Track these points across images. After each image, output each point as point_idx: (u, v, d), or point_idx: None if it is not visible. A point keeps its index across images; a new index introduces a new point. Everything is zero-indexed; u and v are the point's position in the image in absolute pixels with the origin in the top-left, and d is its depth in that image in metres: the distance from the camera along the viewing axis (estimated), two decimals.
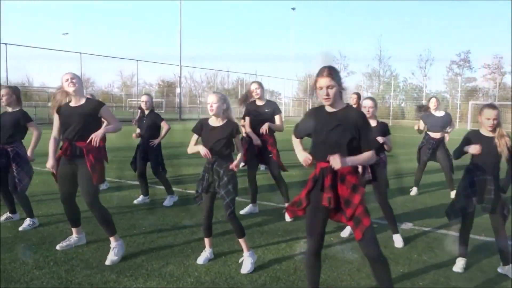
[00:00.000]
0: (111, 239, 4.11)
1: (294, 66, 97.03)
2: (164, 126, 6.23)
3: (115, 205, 6.05)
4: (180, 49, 34.62)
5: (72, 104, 4.09)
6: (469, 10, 75.38)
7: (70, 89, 4.01)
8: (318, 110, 2.94)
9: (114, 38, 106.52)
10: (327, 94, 2.73)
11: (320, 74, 2.78)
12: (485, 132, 3.75)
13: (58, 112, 4.10)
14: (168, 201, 6.16)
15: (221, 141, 3.80)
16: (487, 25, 76.93)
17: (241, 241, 3.91)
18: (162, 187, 6.38)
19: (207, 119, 3.95)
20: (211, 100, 3.76)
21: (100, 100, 4.10)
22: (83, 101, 4.10)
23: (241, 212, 5.65)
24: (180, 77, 36.50)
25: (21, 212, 5.19)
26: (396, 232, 4.62)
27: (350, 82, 61.41)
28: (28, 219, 4.97)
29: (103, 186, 7.13)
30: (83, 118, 4.00)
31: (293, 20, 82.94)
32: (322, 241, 2.87)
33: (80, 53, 29.04)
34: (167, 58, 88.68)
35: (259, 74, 60.66)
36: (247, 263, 3.81)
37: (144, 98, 6.30)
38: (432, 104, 7.03)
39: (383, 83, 53.91)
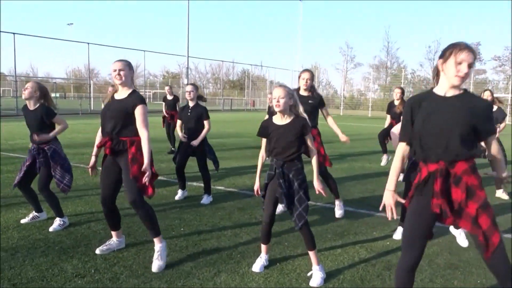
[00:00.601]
0: (156, 240, 3.77)
1: (300, 57, 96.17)
2: (206, 125, 5.88)
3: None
4: (187, 39, 33.97)
5: (116, 96, 3.77)
6: (479, 1, 74.51)
7: (117, 82, 3.67)
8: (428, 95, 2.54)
9: (118, 29, 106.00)
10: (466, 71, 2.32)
11: (461, 47, 2.35)
12: None
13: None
14: (206, 199, 5.82)
15: (291, 141, 3.39)
16: (498, 16, 76.12)
17: (311, 253, 3.50)
18: (195, 183, 6.05)
19: (270, 119, 3.55)
20: (278, 95, 3.32)
21: (140, 97, 3.72)
22: (125, 94, 3.75)
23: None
24: (188, 68, 35.90)
25: (47, 209, 4.86)
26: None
27: (356, 74, 60.88)
28: (57, 219, 4.62)
29: None
30: (121, 113, 3.67)
31: (300, 10, 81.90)
32: (422, 255, 2.48)
33: (88, 43, 28.53)
34: (172, 49, 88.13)
35: (264, 65, 60.20)
36: (317, 277, 3.42)
37: (188, 88, 5.90)
38: (487, 97, 6.60)
39: (390, 75, 53.29)
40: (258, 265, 3.64)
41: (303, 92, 5.21)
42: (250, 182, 7.17)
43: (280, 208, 5.35)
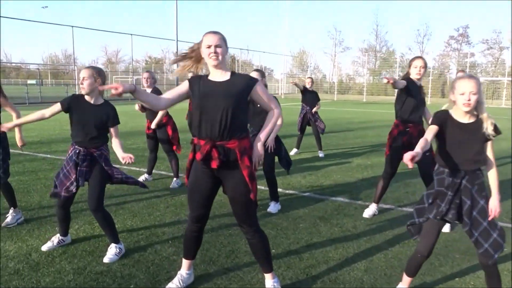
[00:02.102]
0: (268, 276, 2.92)
1: (287, 41, 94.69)
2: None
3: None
4: (176, 23, 32.51)
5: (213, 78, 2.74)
6: None
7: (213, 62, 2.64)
8: None
9: (95, 12, 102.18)
10: None
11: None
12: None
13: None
14: (274, 207, 4.87)
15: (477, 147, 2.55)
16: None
17: None
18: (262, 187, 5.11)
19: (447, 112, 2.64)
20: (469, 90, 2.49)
21: None
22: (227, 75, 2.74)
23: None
24: (177, 52, 34.40)
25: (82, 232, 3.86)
26: None
27: (345, 58, 60.21)
28: (113, 245, 3.56)
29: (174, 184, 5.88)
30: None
31: None
32: None
33: (72, 26, 26.79)
34: (154, 33, 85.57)
35: (251, 49, 58.85)
36: None
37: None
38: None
39: (380, 59, 52.83)
40: None
41: (416, 82, 4.40)
42: (305, 181, 6.27)
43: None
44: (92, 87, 3.45)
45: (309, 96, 8.57)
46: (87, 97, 3.52)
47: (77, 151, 3.49)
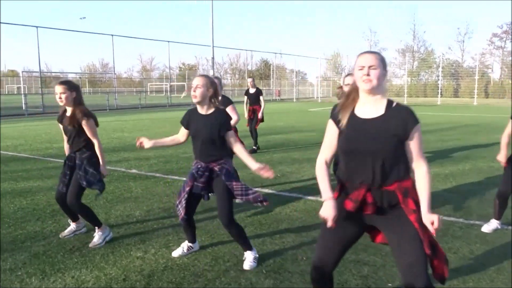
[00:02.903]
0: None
1: (321, 44, 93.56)
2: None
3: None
4: (212, 29, 32.35)
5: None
6: None
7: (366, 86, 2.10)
8: None
9: (129, 20, 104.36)
10: None
11: None
12: None
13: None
14: None
15: None
16: None
17: None
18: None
19: None
20: None
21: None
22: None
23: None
24: (213, 58, 34.27)
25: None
26: None
27: None
28: (248, 252, 3.48)
29: None
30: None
31: None
32: None
33: (112, 35, 27.11)
34: (191, 40, 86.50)
35: (284, 53, 58.33)
36: None
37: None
38: None
39: (418, 59, 51.16)
40: None
41: None
42: None
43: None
44: (203, 96, 3.28)
45: None
46: (199, 108, 3.36)
47: (198, 165, 3.37)
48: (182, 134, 3.53)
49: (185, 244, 3.70)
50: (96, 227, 4.00)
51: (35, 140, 11.37)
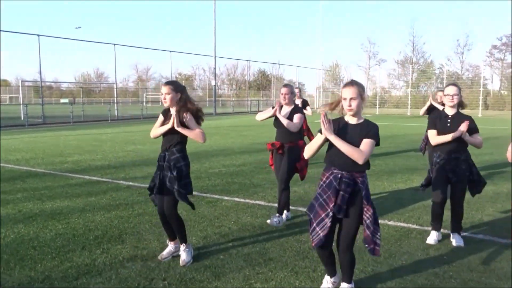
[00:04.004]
0: None
1: (321, 55, 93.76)
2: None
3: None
4: (214, 39, 32.00)
5: None
6: None
7: None
8: None
9: (127, 29, 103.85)
10: None
11: None
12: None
13: None
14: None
15: None
16: None
17: None
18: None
19: None
20: None
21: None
22: None
23: None
24: (215, 68, 33.89)
25: None
26: None
27: (380, 70, 58.80)
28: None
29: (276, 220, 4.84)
30: None
31: (319, 4, 79.64)
32: None
33: (114, 44, 26.55)
34: (187, 50, 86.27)
35: (282, 63, 58.10)
36: None
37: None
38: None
39: (417, 71, 51.17)
40: None
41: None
42: None
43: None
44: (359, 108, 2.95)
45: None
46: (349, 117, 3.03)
47: (338, 175, 2.90)
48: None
49: (328, 280, 3.18)
50: (184, 244, 3.67)
51: (45, 153, 10.74)
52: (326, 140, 2.89)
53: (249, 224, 4.82)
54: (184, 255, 3.65)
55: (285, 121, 4.69)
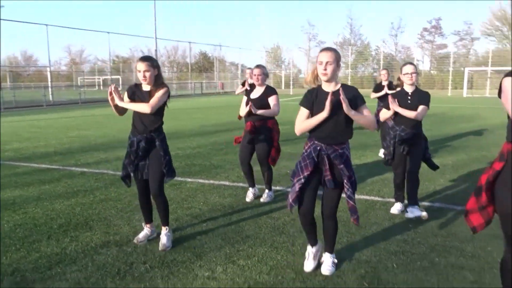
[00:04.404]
0: None
1: (262, 36, 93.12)
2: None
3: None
4: (154, 19, 30.97)
5: None
6: None
7: None
8: None
9: (55, 9, 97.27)
10: None
11: None
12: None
13: None
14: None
15: None
16: None
17: None
18: None
19: None
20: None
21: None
22: None
23: None
24: (156, 50, 32.84)
25: None
26: None
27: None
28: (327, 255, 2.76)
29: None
30: None
31: None
32: None
33: (46, 24, 24.83)
34: (119, 30, 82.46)
35: (223, 45, 57.52)
36: None
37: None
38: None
39: (355, 52, 52.90)
40: None
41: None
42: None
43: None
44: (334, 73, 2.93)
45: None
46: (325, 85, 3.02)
47: (318, 147, 2.97)
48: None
49: (310, 251, 3.21)
50: (166, 227, 3.62)
51: None
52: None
53: (219, 204, 4.81)
54: (164, 239, 3.57)
55: (266, 112, 4.64)
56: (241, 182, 5.70)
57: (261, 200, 4.91)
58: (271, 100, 4.68)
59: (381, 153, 7.49)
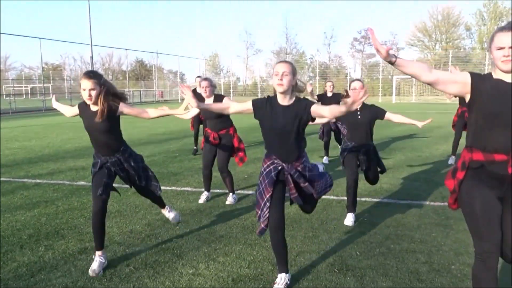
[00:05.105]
0: None
1: (200, 44, 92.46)
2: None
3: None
4: (89, 25, 30.01)
5: None
6: None
7: None
8: None
9: None
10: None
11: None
12: None
13: None
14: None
15: None
16: (384, 5, 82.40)
17: None
18: None
19: None
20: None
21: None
22: None
23: None
24: (92, 56, 31.73)
25: None
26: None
27: (257, 61, 61.21)
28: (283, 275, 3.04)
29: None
30: None
31: None
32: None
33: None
34: (49, 36, 78.18)
35: (161, 52, 56.78)
36: None
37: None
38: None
39: (291, 61, 54.55)
40: None
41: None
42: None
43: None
44: (290, 84, 2.86)
45: (331, 101, 7.92)
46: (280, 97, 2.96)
47: (279, 167, 2.98)
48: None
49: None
50: (167, 207, 4.23)
51: None
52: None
53: (187, 208, 5.01)
54: (172, 214, 4.23)
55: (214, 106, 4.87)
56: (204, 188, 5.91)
57: (227, 202, 5.17)
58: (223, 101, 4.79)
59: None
